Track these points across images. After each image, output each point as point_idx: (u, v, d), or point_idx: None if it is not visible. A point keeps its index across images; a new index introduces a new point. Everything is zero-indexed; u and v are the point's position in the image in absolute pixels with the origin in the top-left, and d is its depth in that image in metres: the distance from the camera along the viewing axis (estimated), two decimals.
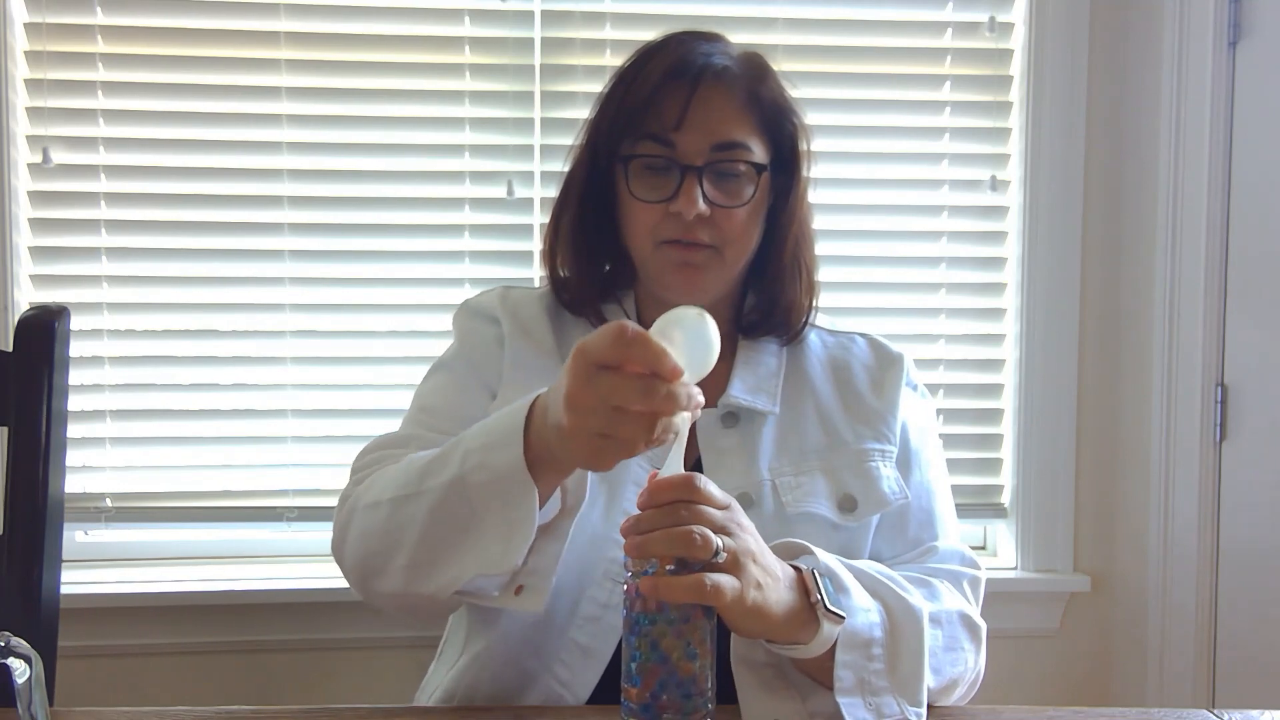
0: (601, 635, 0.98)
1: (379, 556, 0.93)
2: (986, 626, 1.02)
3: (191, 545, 1.68)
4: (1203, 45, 1.63)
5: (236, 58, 1.61)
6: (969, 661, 0.98)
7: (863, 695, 0.87)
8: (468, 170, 1.65)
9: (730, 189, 1.01)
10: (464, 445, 0.88)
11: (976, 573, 1.05)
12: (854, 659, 0.87)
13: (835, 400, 1.08)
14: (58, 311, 1.16)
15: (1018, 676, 1.75)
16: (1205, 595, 1.68)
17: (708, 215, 1.00)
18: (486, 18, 1.64)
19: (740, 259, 1.05)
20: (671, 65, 1.01)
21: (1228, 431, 1.66)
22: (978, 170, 1.72)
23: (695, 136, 0.99)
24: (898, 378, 1.10)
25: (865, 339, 1.15)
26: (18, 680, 0.63)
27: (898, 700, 0.88)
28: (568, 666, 0.99)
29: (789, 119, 1.06)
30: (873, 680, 0.87)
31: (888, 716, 0.87)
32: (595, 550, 0.99)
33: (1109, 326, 1.74)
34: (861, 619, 0.88)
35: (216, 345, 1.63)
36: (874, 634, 0.88)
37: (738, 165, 1.01)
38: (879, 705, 0.87)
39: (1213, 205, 1.64)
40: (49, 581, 1.13)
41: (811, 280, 1.10)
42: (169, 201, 1.61)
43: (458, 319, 1.15)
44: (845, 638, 0.86)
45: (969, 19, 1.71)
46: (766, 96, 1.04)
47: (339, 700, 1.65)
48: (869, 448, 1.06)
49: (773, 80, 1.06)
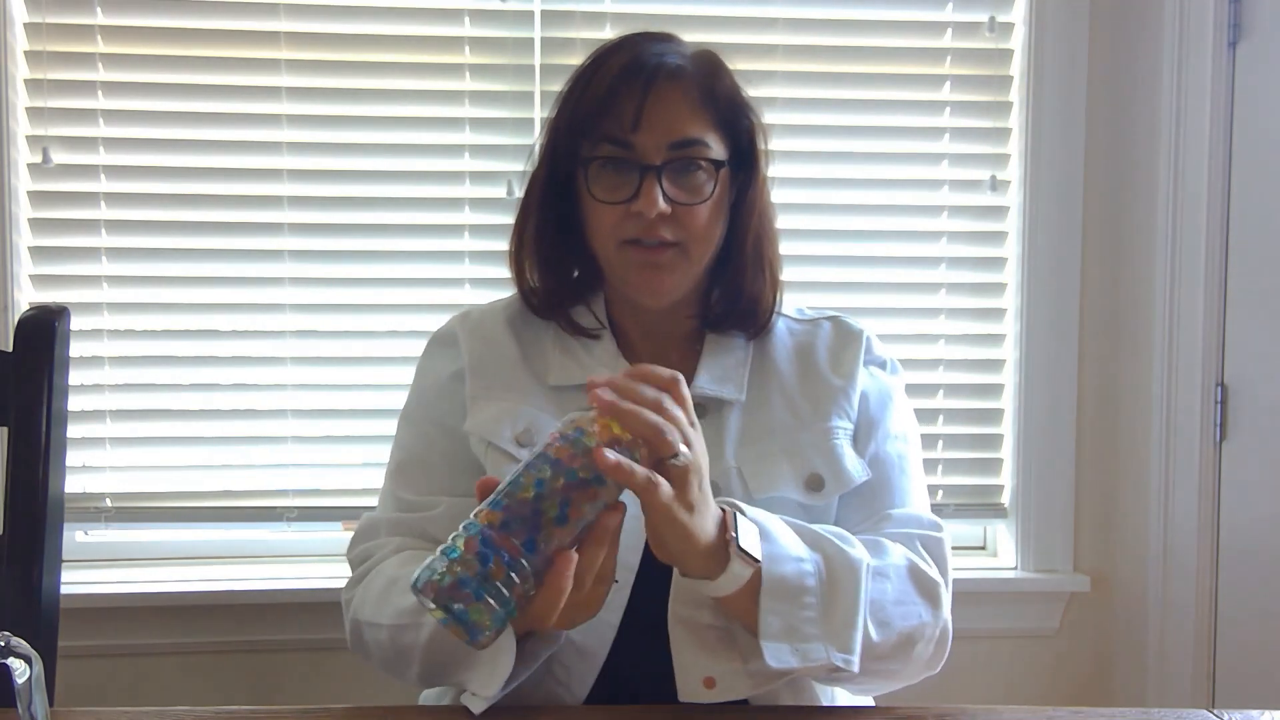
0: (598, 636, 0.99)
1: (393, 669, 1.02)
2: (947, 585, 1.01)
3: (191, 545, 1.68)
4: (1203, 45, 1.63)
5: (236, 58, 1.61)
6: (923, 615, 0.97)
7: (790, 641, 0.88)
8: (468, 170, 1.65)
9: (690, 186, 1.02)
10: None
11: (933, 533, 1.04)
12: (782, 606, 0.88)
13: (798, 383, 1.10)
14: (58, 311, 1.16)
15: (1018, 676, 1.75)
16: (1205, 595, 1.68)
17: (669, 213, 1.01)
18: (486, 18, 1.64)
19: (705, 255, 1.06)
20: (625, 66, 1.03)
21: (1228, 431, 1.66)
22: (978, 170, 1.72)
23: (652, 136, 1.00)
24: (856, 353, 1.11)
25: (830, 321, 1.15)
26: (18, 680, 0.63)
27: (826, 647, 0.89)
28: (565, 667, 0.99)
29: (744, 114, 1.07)
30: (803, 627, 0.89)
31: (814, 661, 0.89)
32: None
33: (1109, 327, 1.74)
34: (791, 568, 0.90)
35: (216, 345, 1.63)
36: (805, 582, 0.90)
37: (696, 162, 1.02)
38: (806, 651, 0.88)
39: (1213, 205, 1.64)
40: (49, 581, 1.13)
41: (775, 274, 1.11)
42: (169, 202, 1.61)
43: (421, 358, 1.18)
44: (772, 585, 0.88)
45: (969, 19, 1.70)
46: (721, 93, 1.05)
47: (339, 700, 1.65)
48: (832, 425, 1.07)
49: (726, 77, 1.07)
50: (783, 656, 0.88)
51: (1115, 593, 1.76)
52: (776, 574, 0.89)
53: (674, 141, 1.01)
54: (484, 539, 0.76)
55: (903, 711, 0.96)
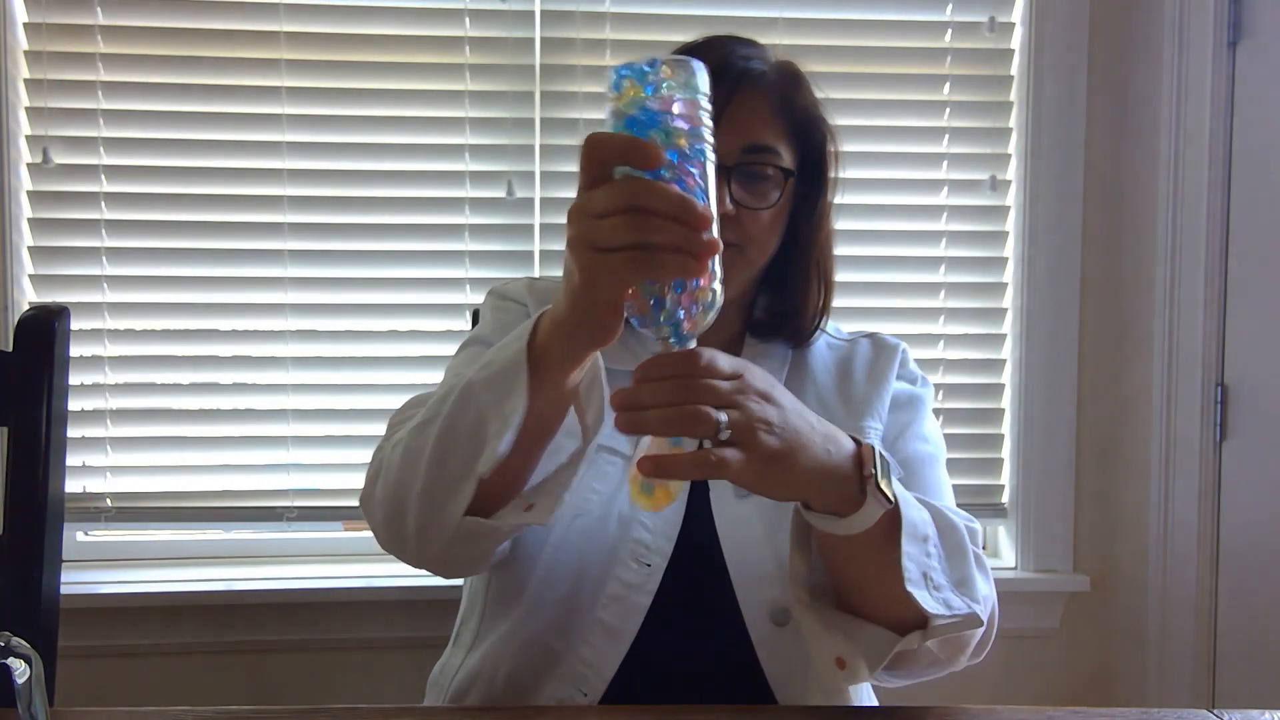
0: (626, 615, 0.98)
1: (400, 489, 0.90)
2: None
3: (191, 545, 1.68)
4: (1203, 45, 1.64)
5: (236, 58, 1.61)
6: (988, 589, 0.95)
7: (928, 589, 0.85)
8: (468, 171, 1.65)
9: (757, 191, 1.02)
10: (480, 359, 0.88)
11: (970, 524, 1.01)
12: (916, 551, 0.85)
13: (834, 391, 1.11)
14: (58, 312, 1.15)
15: (1018, 676, 1.75)
16: (1205, 595, 1.68)
17: (733, 215, 1.01)
18: (486, 18, 1.64)
19: (760, 260, 1.06)
20: (715, 69, 1.02)
21: (1228, 431, 1.66)
22: (978, 171, 1.72)
23: (728, 138, 1.00)
24: (890, 362, 1.13)
25: (869, 338, 1.17)
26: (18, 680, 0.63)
27: (959, 597, 0.87)
28: (592, 646, 0.99)
29: (818, 130, 1.08)
30: (934, 576, 0.86)
31: (954, 610, 0.85)
32: (622, 530, 1.00)
33: (1109, 327, 1.74)
34: (916, 514, 0.86)
35: (216, 346, 1.63)
36: (928, 531, 0.87)
37: (766, 169, 1.02)
38: (945, 599, 0.86)
39: (1213, 205, 1.65)
40: (49, 581, 1.13)
41: (829, 289, 1.12)
42: (169, 202, 1.61)
43: (487, 302, 1.16)
44: (908, 527, 0.84)
45: (969, 19, 1.71)
46: (799, 104, 1.06)
47: (339, 700, 1.65)
48: (864, 424, 1.08)
49: (806, 89, 1.08)
50: (929, 603, 0.84)
51: (1115, 593, 1.76)
52: (909, 519, 0.84)
53: (748, 145, 1.01)
54: None
55: (903, 712, 0.96)
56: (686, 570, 0.99)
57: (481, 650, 1.03)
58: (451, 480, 0.86)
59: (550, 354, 0.80)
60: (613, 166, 0.69)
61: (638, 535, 1.00)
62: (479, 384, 0.85)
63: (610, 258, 0.68)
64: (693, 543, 1.00)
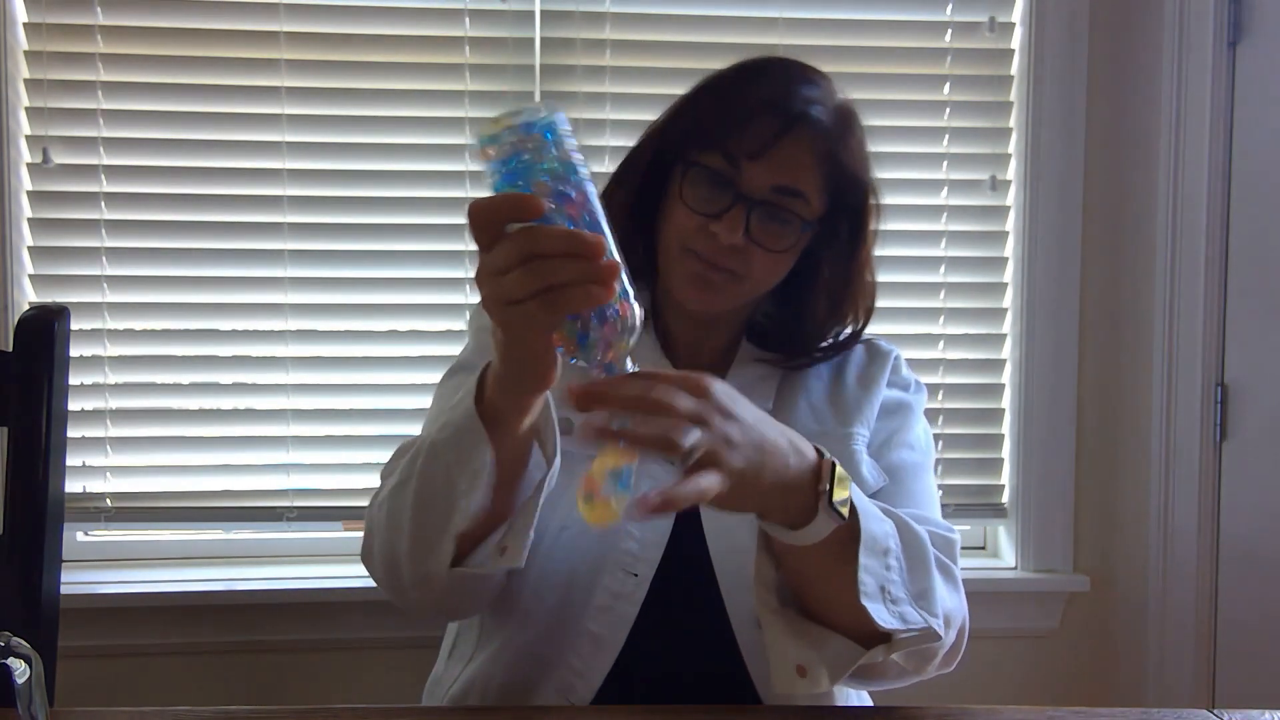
0: (614, 625, 0.99)
1: (389, 548, 0.94)
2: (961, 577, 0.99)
3: (191, 545, 1.68)
4: (1203, 45, 1.64)
5: (236, 58, 1.61)
6: (955, 602, 0.96)
7: (884, 602, 0.85)
8: (468, 171, 1.65)
9: (773, 231, 1.01)
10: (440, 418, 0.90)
11: (946, 534, 1.02)
12: (874, 564, 0.85)
13: (826, 394, 1.11)
14: (58, 311, 1.16)
15: (1018, 676, 1.75)
16: (1205, 595, 1.68)
17: (741, 247, 1.00)
18: (486, 18, 1.64)
19: (754, 294, 1.07)
20: (773, 100, 1.01)
21: (1228, 431, 1.66)
22: (978, 171, 1.72)
23: (764, 172, 1.00)
24: (882, 369, 1.13)
25: (864, 345, 1.17)
26: (18, 680, 0.63)
27: (917, 610, 0.87)
28: (580, 656, 1.00)
29: (859, 183, 1.07)
30: (891, 589, 0.86)
31: (910, 625, 0.86)
32: (608, 541, 1.00)
33: (1109, 327, 1.74)
34: (877, 526, 0.87)
35: (216, 346, 1.63)
36: (889, 544, 0.87)
37: (789, 214, 1.01)
38: (901, 613, 0.86)
39: (1213, 205, 1.65)
40: (49, 581, 1.13)
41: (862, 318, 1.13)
42: (169, 202, 1.61)
43: (472, 320, 1.17)
44: (867, 540, 0.84)
45: (969, 19, 1.70)
46: (844, 158, 1.04)
47: (339, 700, 1.65)
48: (852, 431, 1.08)
49: (855, 142, 1.06)
50: (883, 616, 0.85)
51: (1115, 593, 1.76)
52: (868, 532, 0.85)
53: (779, 185, 1.00)
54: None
55: (903, 712, 0.96)
56: (674, 579, 0.99)
57: (478, 662, 1.04)
58: (432, 539, 0.89)
59: (499, 407, 0.83)
60: (503, 225, 0.70)
61: (625, 545, 1.00)
62: (441, 445, 0.87)
63: (523, 308, 0.70)
64: (681, 552, 1.01)
